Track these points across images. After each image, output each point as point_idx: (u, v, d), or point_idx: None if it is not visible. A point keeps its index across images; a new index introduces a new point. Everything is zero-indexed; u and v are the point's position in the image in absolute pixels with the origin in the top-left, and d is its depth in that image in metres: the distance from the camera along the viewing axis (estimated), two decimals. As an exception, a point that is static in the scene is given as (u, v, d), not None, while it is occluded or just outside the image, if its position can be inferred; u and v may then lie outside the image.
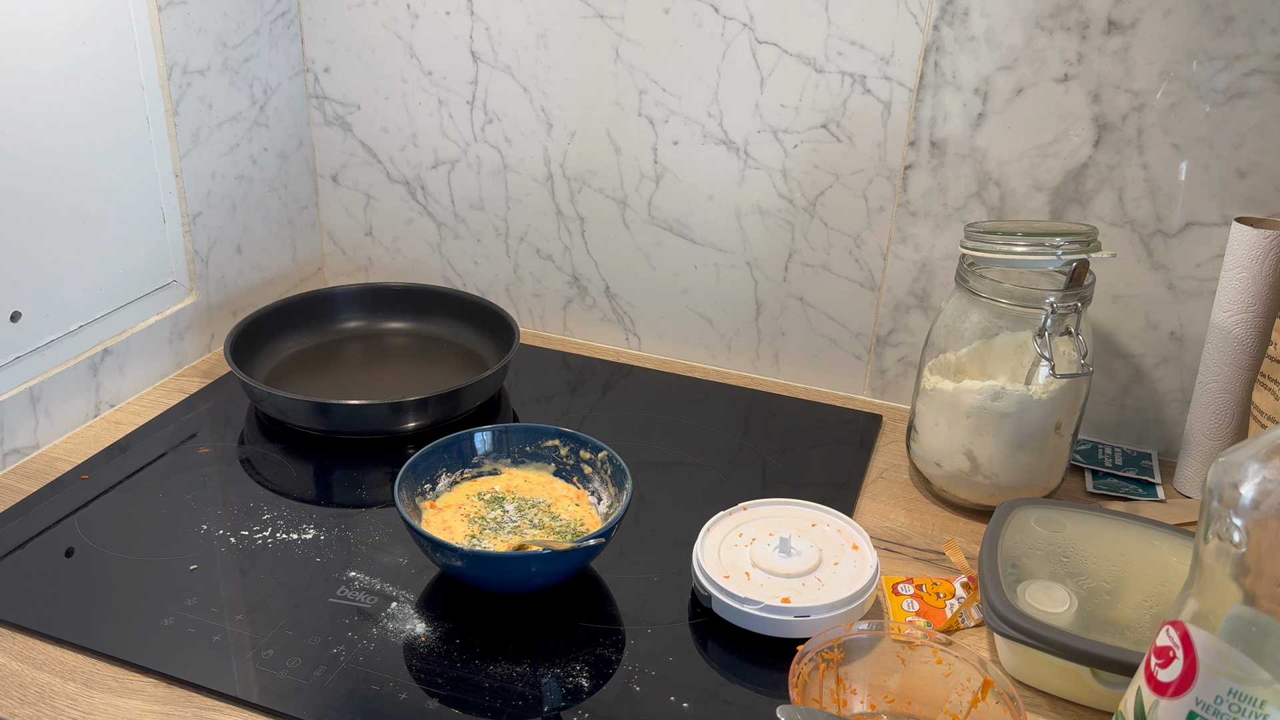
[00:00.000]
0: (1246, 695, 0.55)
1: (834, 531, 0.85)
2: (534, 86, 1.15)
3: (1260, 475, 0.54)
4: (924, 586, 0.84)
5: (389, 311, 1.22)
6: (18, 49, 0.90)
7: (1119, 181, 0.98)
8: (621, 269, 1.20)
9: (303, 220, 1.29)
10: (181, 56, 1.06)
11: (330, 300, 1.20)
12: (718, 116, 1.09)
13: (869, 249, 1.09)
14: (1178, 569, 0.79)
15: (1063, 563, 0.79)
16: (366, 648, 0.76)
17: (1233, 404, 0.94)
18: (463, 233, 1.26)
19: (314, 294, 1.19)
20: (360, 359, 1.16)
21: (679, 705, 0.72)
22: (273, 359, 1.12)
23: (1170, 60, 0.92)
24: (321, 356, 1.15)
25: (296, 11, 1.21)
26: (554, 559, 0.78)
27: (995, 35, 0.97)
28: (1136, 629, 0.73)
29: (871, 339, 1.13)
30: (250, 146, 1.18)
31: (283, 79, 1.21)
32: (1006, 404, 0.89)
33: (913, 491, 0.99)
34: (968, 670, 0.69)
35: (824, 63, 1.03)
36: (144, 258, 1.07)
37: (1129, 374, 1.04)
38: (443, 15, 1.15)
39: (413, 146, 1.23)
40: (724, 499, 0.93)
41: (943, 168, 1.03)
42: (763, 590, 0.78)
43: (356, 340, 1.19)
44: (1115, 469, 1.01)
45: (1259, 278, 0.89)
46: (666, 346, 1.23)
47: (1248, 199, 0.94)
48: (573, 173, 1.18)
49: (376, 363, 1.16)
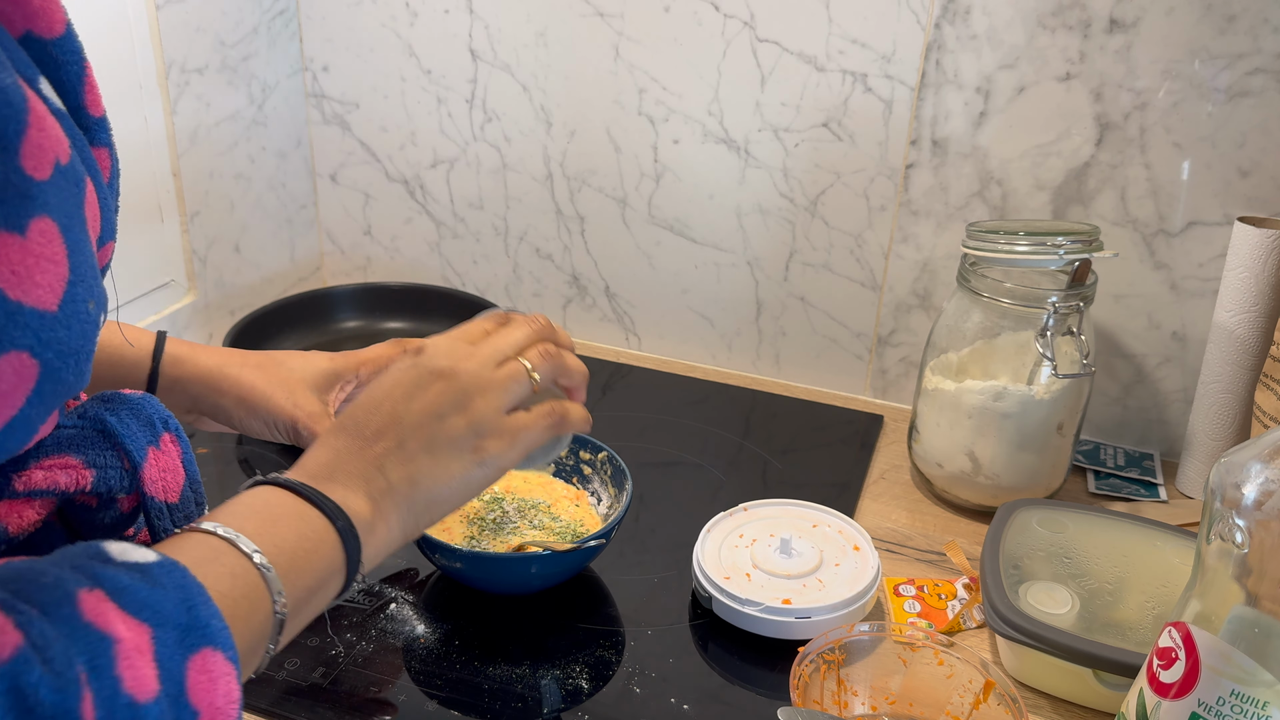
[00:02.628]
0: (1248, 696, 0.55)
1: (835, 532, 0.84)
2: (533, 85, 1.15)
3: (1263, 476, 0.54)
4: (925, 588, 0.83)
5: (387, 311, 1.21)
6: (15, 47, 0.90)
7: (1121, 181, 0.97)
8: (621, 268, 1.20)
9: (301, 219, 1.29)
10: (179, 55, 1.06)
11: (328, 300, 1.19)
12: (718, 115, 1.09)
13: (870, 248, 1.09)
14: (1180, 570, 0.78)
15: (1065, 564, 0.79)
16: (365, 649, 0.76)
17: (1235, 404, 0.94)
18: (462, 232, 1.25)
19: (312, 294, 1.19)
20: None
21: (679, 707, 0.72)
22: None
23: (1172, 59, 0.92)
24: None
25: (295, 10, 1.20)
26: (553, 560, 0.78)
27: (997, 34, 0.96)
28: (1138, 630, 0.73)
29: (873, 339, 1.13)
30: (248, 145, 1.18)
31: (281, 78, 1.21)
32: (1008, 404, 0.89)
33: (914, 492, 0.98)
34: (969, 672, 0.68)
35: (825, 61, 1.03)
36: (142, 257, 1.07)
37: (1131, 374, 1.04)
38: (442, 13, 1.15)
39: (412, 145, 1.23)
40: (724, 499, 0.92)
41: (944, 167, 1.03)
42: (763, 591, 0.77)
43: (354, 340, 1.19)
44: (1117, 469, 1.01)
45: (1261, 277, 0.89)
46: (666, 346, 1.22)
47: (1250, 198, 0.94)
48: (572, 172, 1.17)
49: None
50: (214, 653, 0.42)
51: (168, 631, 0.40)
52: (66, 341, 0.40)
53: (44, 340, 0.39)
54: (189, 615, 0.41)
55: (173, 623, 0.40)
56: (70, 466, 0.51)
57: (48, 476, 0.50)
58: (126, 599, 0.40)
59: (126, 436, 0.52)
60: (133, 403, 0.54)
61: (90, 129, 0.49)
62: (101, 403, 0.54)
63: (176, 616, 0.41)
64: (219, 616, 0.43)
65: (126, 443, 0.52)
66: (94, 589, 0.39)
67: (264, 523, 0.51)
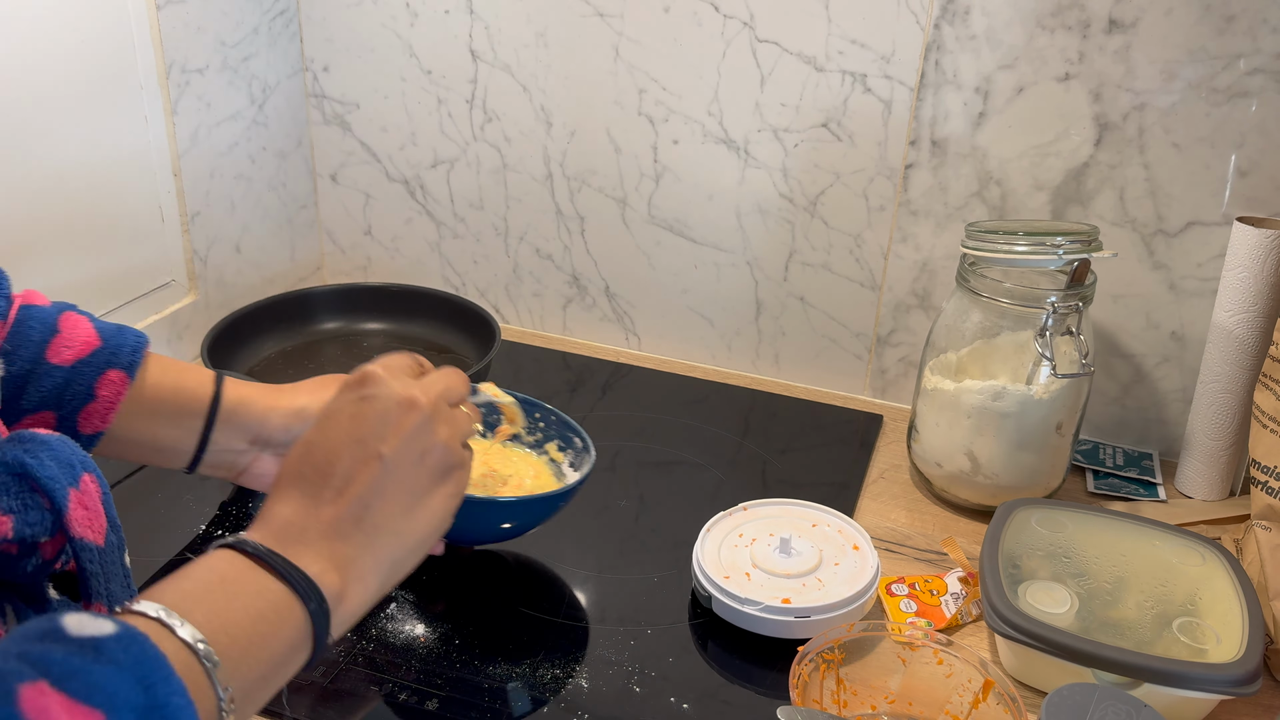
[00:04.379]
0: None
1: (834, 532, 0.85)
2: (533, 85, 1.15)
3: None
4: (916, 585, 0.83)
5: (369, 312, 1.20)
6: (16, 48, 0.90)
7: (1120, 181, 0.97)
8: (621, 268, 1.20)
9: (302, 219, 1.29)
10: (180, 55, 1.06)
11: (308, 301, 1.18)
12: (718, 115, 1.09)
13: (870, 248, 1.09)
14: (1179, 569, 0.79)
15: (1064, 563, 0.79)
16: (365, 649, 0.76)
17: (1234, 404, 0.94)
18: (462, 232, 1.25)
19: (292, 294, 1.17)
20: (340, 360, 1.15)
21: (679, 706, 0.72)
22: (251, 360, 1.11)
23: (1171, 59, 0.92)
24: (301, 357, 1.14)
25: (295, 10, 1.20)
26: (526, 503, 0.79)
27: (996, 34, 0.96)
28: (1137, 629, 0.73)
29: (872, 339, 1.13)
30: (249, 145, 1.18)
31: (281, 78, 1.21)
32: (1007, 404, 0.89)
33: (913, 492, 0.99)
34: (969, 671, 0.69)
35: (824, 61, 1.03)
36: (142, 257, 1.07)
37: (1130, 374, 1.04)
38: (442, 14, 1.15)
39: (412, 145, 1.23)
40: (724, 499, 0.93)
41: (943, 167, 1.03)
42: (763, 591, 0.77)
43: (336, 341, 1.17)
44: (1116, 469, 1.01)
45: (1260, 277, 0.89)
46: (666, 346, 1.22)
47: (1249, 198, 0.94)
48: (572, 172, 1.17)
49: (356, 363, 1.14)
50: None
51: (123, 715, 0.38)
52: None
53: None
54: (146, 695, 0.38)
55: (129, 705, 0.38)
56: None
57: None
58: (75, 685, 0.37)
59: (46, 478, 0.49)
60: (49, 443, 0.51)
61: None
62: (16, 443, 0.50)
63: (132, 698, 0.38)
64: (181, 693, 0.40)
65: (46, 484, 0.49)
66: (37, 681, 0.37)
67: (218, 600, 0.47)
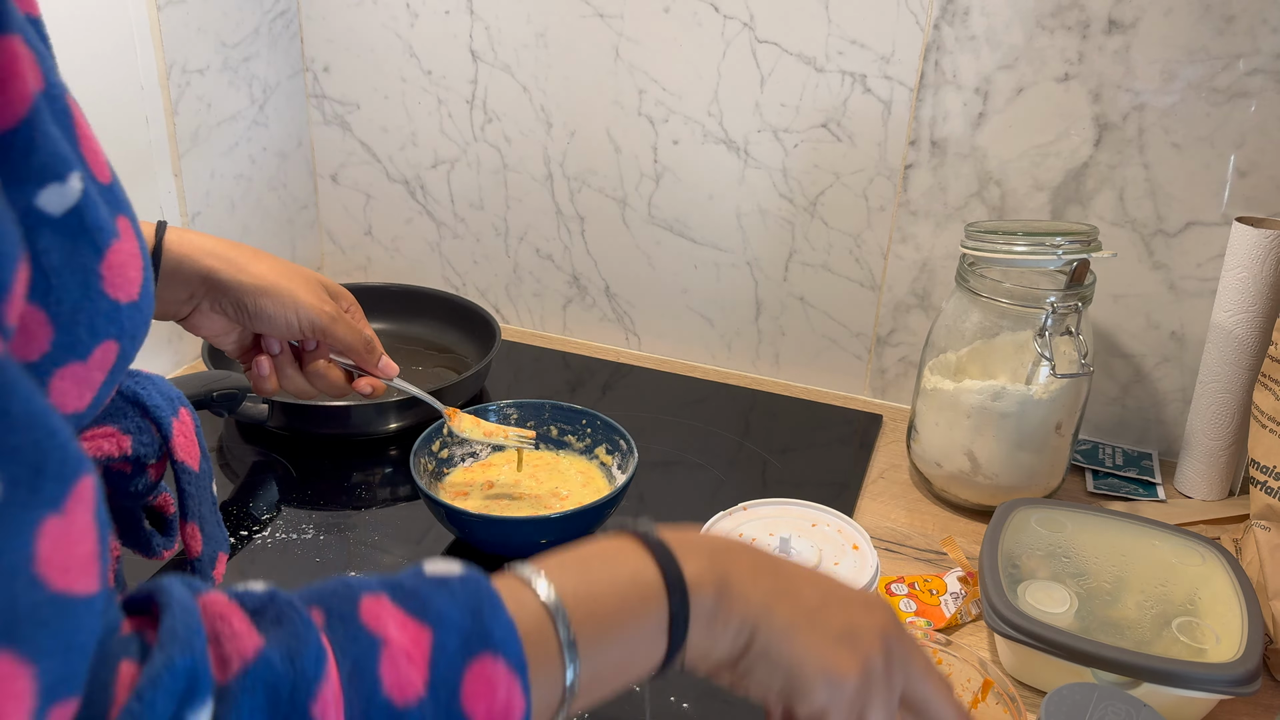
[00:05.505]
0: None
1: (834, 532, 0.85)
2: (533, 86, 1.15)
3: None
4: (916, 585, 0.83)
5: (369, 312, 1.18)
6: (16, 48, 0.90)
7: (1120, 181, 0.97)
8: (621, 268, 1.20)
9: (302, 220, 1.29)
10: (180, 56, 1.06)
11: None
12: (718, 116, 1.09)
13: (869, 248, 1.09)
14: (1178, 569, 0.79)
15: (1063, 563, 0.79)
16: (366, 648, 0.76)
17: (1233, 404, 0.94)
18: (462, 232, 1.26)
19: None
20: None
21: (679, 705, 0.72)
22: None
23: (1171, 59, 0.92)
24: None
25: (296, 11, 1.21)
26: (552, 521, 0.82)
27: (996, 34, 0.96)
28: (1137, 629, 0.73)
29: (872, 339, 1.13)
30: (249, 146, 1.18)
31: (282, 78, 1.21)
32: (1007, 404, 0.89)
33: (913, 491, 0.99)
34: (968, 670, 0.69)
35: (824, 62, 1.03)
36: (143, 257, 1.07)
37: (1129, 374, 1.04)
38: (442, 14, 1.15)
39: (412, 146, 1.23)
40: (724, 499, 0.92)
41: (943, 167, 1.03)
42: (763, 590, 0.77)
43: None
44: (1116, 469, 1.01)
45: (1260, 277, 0.89)
46: (666, 346, 1.23)
47: (1249, 198, 0.94)
48: (572, 172, 1.17)
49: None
50: (495, 660, 0.40)
51: (449, 635, 0.39)
52: (140, 326, 0.41)
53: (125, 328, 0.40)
54: (474, 621, 0.40)
55: (456, 627, 0.40)
56: (111, 435, 0.56)
57: (94, 445, 0.54)
58: (411, 602, 0.40)
59: (154, 407, 0.58)
60: (154, 379, 0.60)
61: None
62: (128, 377, 0.57)
63: (460, 622, 0.40)
64: (507, 626, 0.40)
65: (155, 413, 0.58)
66: (379, 594, 0.40)
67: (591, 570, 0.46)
